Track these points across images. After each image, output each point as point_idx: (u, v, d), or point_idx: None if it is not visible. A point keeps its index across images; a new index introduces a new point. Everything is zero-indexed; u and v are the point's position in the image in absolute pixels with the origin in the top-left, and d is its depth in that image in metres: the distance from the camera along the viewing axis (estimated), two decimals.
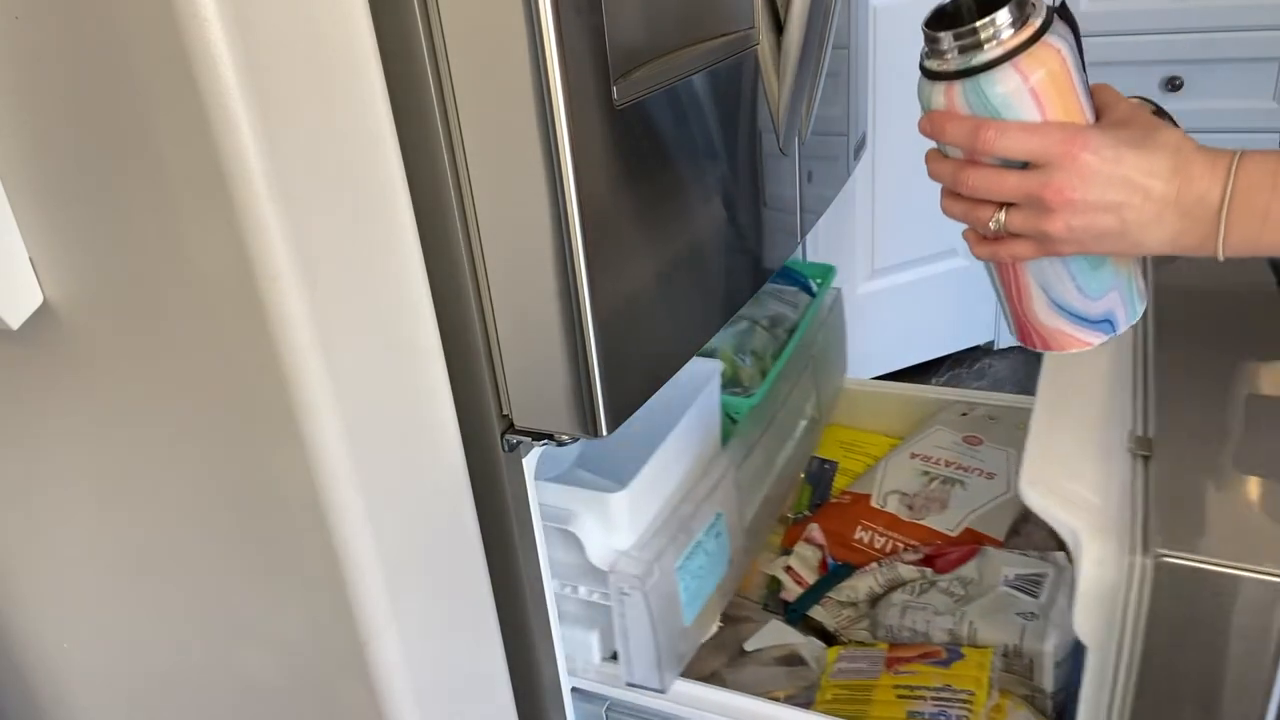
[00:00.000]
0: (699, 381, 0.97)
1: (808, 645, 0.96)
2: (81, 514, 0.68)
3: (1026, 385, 1.85)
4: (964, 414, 1.24)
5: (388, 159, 0.58)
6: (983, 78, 0.56)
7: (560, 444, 0.68)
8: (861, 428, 1.32)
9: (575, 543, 0.82)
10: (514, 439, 0.68)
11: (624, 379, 0.67)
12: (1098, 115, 0.59)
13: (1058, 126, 0.57)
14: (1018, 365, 2.00)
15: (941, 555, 1.04)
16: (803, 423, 1.19)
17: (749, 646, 0.96)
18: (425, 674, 0.67)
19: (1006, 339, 2.02)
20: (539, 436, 0.68)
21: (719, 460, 0.95)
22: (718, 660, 0.94)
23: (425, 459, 0.65)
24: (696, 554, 0.87)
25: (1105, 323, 0.68)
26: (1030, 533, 1.05)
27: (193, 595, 0.68)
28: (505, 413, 0.68)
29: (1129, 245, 0.58)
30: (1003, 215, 0.59)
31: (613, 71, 0.61)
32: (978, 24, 0.55)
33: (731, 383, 1.07)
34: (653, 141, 0.67)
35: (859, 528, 1.11)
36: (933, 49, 0.57)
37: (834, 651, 0.94)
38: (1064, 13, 0.58)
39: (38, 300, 0.58)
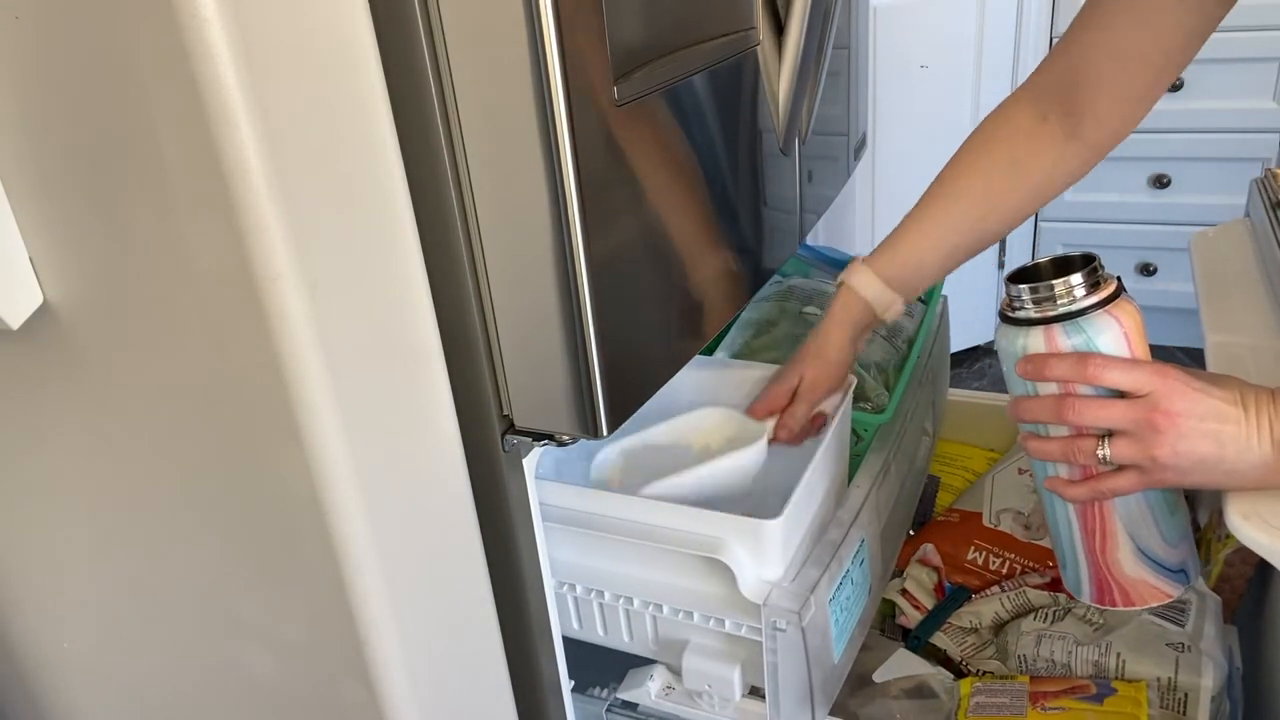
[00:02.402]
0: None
1: (937, 676, 0.92)
2: (81, 513, 0.68)
3: None
4: None
5: (388, 158, 0.58)
6: (1083, 319, 0.63)
7: (561, 444, 0.68)
8: (956, 440, 1.25)
9: (716, 572, 0.77)
10: (514, 439, 0.68)
11: (624, 379, 0.67)
12: None
13: (1148, 361, 0.63)
14: None
15: None
16: (924, 439, 1.12)
17: (878, 678, 0.92)
18: (425, 674, 0.67)
19: None
20: (539, 437, 0.68)
21: (860, 481, 0.89)
22: (842, 692, 0.87)
23: (425, 459, 0.65)
24: (845, 584, 0.83)
25: (1181, 573, 0.70)
26: None
27: (192, 595, 0.68)
28: (505, 413, 0.68)
29: (1223, 473, 0.60)
30: (1107, 447, 0.62)
31: (613, 71, 0.61)
32: (1082, 273, 0.63)
33: (856, 397, 1.01)
34: (653, 141, 0.67)
35: (971, 548, 1.06)
36: (1034, 298, 0.64)
37: (967, 684, 0.89)
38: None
39: (38, 300, 0.58)
